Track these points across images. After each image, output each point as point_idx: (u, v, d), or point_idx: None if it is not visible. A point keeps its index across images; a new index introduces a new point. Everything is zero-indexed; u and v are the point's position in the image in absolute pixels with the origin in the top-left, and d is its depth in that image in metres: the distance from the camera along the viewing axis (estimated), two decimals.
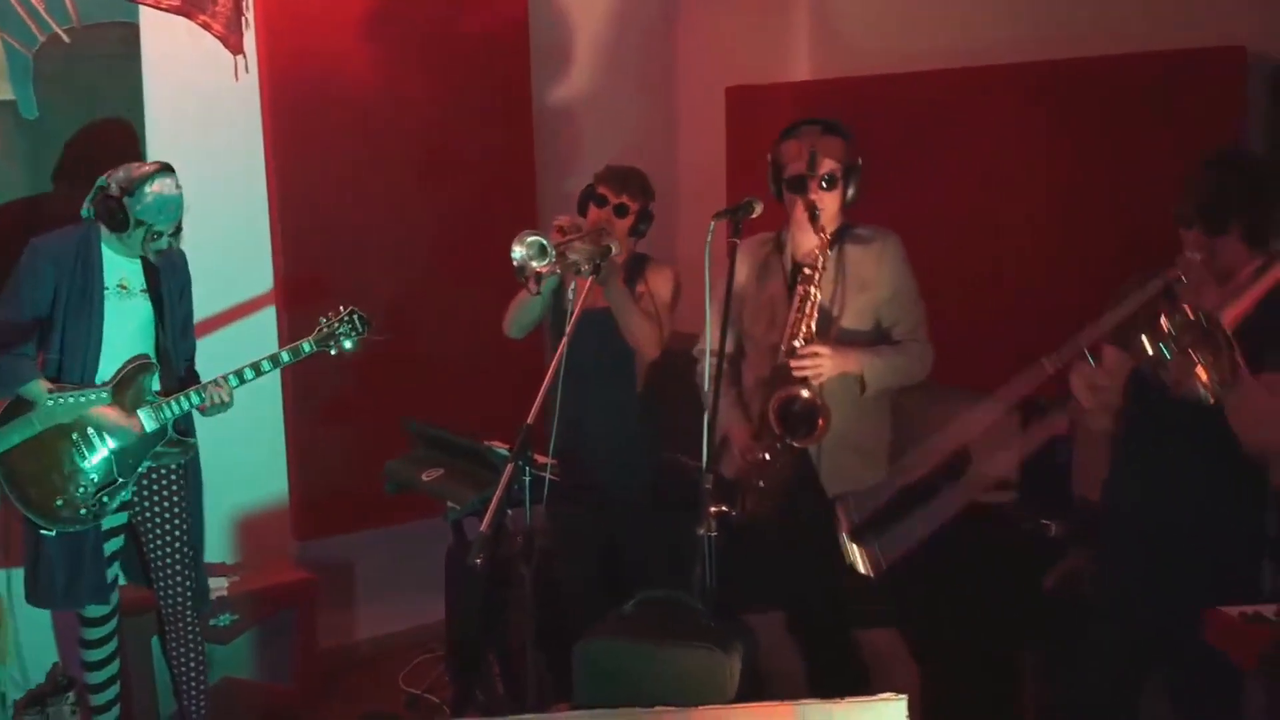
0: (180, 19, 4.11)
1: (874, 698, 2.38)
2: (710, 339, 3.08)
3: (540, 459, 3.31)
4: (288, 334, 4.38)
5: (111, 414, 3.52)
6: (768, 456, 3.26)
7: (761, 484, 3.28)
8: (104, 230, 3.54)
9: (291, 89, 4.43)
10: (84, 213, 3.56)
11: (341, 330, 3.72)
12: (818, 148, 3.29)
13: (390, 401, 4.48)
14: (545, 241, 3.29)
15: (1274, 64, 3.49)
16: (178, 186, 3.51)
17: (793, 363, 3.22)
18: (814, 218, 3.25)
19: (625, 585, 3.84)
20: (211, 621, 4.05)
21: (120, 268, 3.58)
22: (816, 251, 3.26)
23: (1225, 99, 3.53)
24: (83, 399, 3.50)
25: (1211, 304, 2.56)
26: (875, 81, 4.53)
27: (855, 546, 2.75)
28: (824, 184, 3.29)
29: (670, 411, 3.85)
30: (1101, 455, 3.06)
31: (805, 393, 3.17)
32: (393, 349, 3.87)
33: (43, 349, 3.54)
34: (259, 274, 4.47)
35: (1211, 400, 2.45)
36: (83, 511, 3.54)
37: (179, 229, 3.58)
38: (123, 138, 4.12)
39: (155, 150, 4.12)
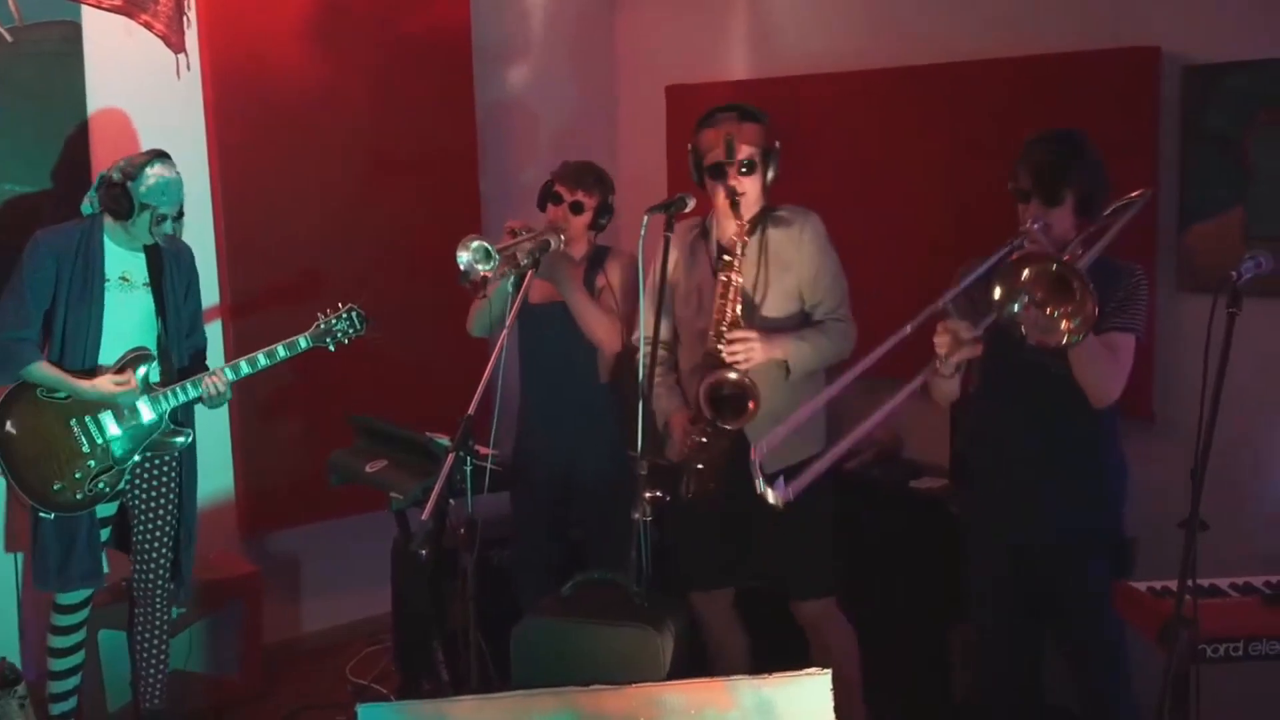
0: (123, 18, 4.14)
1: (800, 672, 2.47)
2: (645, 328, 3.16)
3: (482, 450, 3.38)
4: (235, 346, 4.42)
5: (111, 393, 3.58)
6: (704, 440, 3.32)
7: (700, 466, 3.34)
8: (107, 223, 3.61)
9: (235, 89, 4.47)
10: (84, 208, 3.64)
11: (339, 327, 3.80)
12: (735, 134, 3.33)
13: (337, 396, 4.53)
14: (489, 246, 3.34)
15: (1188, 64, 3.59)
16: (176, 170, 3.60)
17: (723, 348, 3.26)
18: (734, 204, 3.30)
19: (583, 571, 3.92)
20: None
21: (123, 260, 3.65)
22: (734, 238, 3.30)
23: (1139, 98, 3.65)
24: (84, 386, 3.56)
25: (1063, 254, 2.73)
26: (809, 80, 4.62)
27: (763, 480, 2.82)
28: (742, 169, 3.34)
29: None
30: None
31: (733, 375, 3.22)
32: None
33: (45, 339, 3.61)
34: (205, 285, 4.46)
35: (1068, 345, 2.62)
36: (79, 496, 3.62)
37: (181, 212, 3.65)
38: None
39: (98, 153, 4.15)
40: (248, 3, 4.46)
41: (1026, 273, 2.61)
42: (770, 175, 3.42)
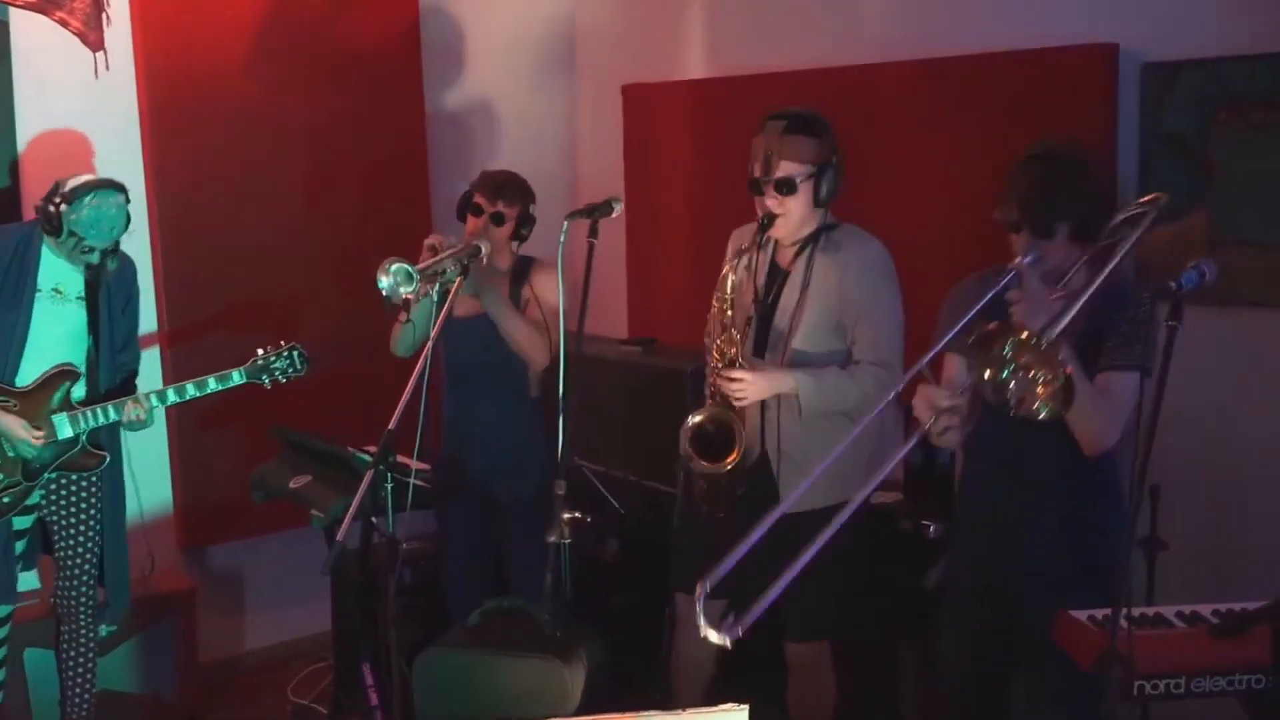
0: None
1: (716, 708, 2.32)
2: (564, 341, 3.02)
3: (406, 462, 3.25)
4: (171, 366, 4.29)
5: (19, 418, 3.45)
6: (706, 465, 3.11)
7: (702, 492, 3.18)
8: (47, 234, 3.48)
9: (173, 98, 4.32)
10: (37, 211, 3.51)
11: (278, 365, 3.66)
12: (778, 149, 3.06)
13: (278, 408, 4.36)
14: (409, 268, 3.19)
15: (1145, 60, 3.46)
16: (119, 205, 3.45)
17: (718, 382, 3.07)
18: (764, 225, 3.07)
19: (511, 590, 3.80)
20: None
21: (59, 272, 3.53)
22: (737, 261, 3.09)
23: (1097, 95, 3.51)
24: None
25: (1047, 311, 2.48)
26: (765, 79, 4.50)
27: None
28: (781, 189, 3.08)
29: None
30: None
31: (715, 413, 3.04)
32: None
33: None
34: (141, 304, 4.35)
35: (1047, 418, 2.36)
36: None
37: (115, 249, 3.50)
38: None
39: (26, 155, 4.01)
40: (185, 5, 4.31)
41: (1004, 348, 2.36)
42: (825, 191, 3.12)
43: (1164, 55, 3.43)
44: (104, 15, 4.10)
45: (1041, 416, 2.34)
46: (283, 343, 3.69)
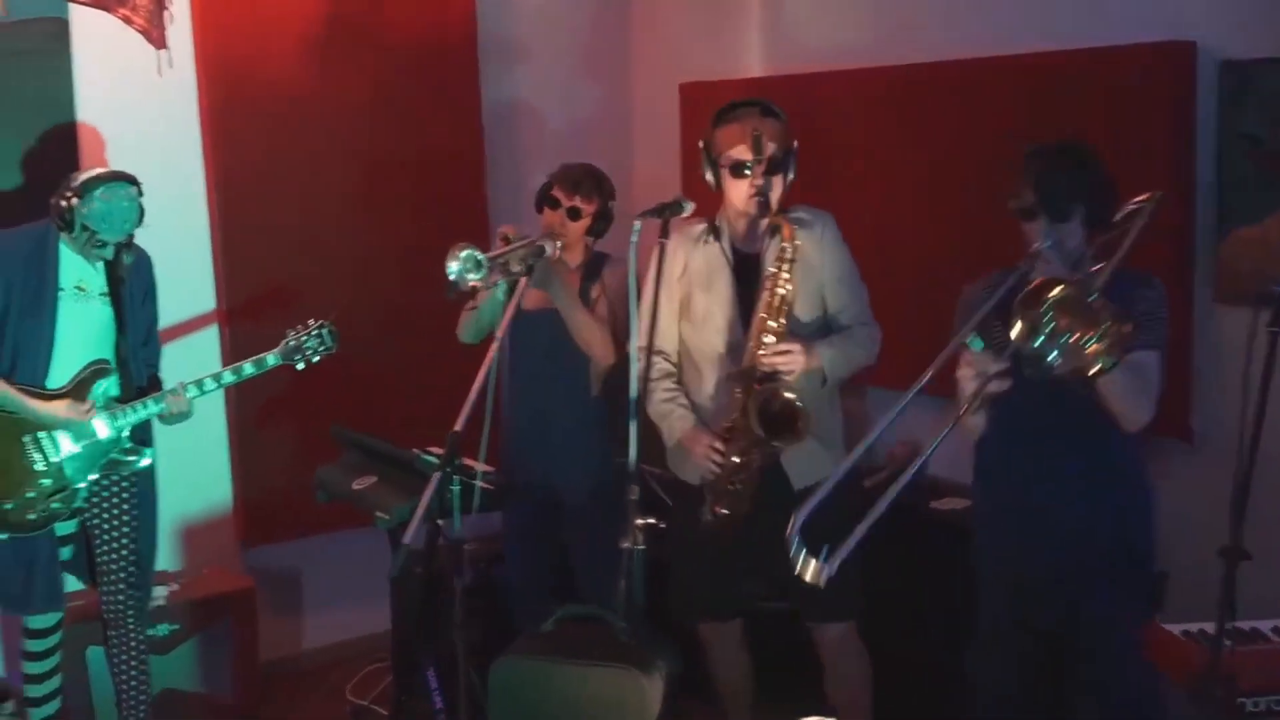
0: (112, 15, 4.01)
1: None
2: (637, 339, 2.99)
3: (472, 464, 3.22)
4: (230, 352, 4.27)
5: (66, 417, 3.43)
6: (738, 459, 3.14)
7: (734, 487, 3.18)
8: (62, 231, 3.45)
9: (232, 90, 4.31)
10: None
11: (309, 344, 3.64)
12: (763, 130, 3.16)
13: (337, 407, 4.37)
14: (480, 255, 3.17)
15: (1225, 59, 3.38)
16: (131, 198, 3.41)
17: (766, 359, 3.10)
18: (765, 204, 3.13)
19: (576, 592, 3.77)
20: (149, 631, 3.96)
21: (79, 269, 3.49)
22: (782, 240, 3.11)
23: (1173, 95, 3.43)
24: (37, 401, 3.41)
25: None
26: (826, 77, 4.44)
27: (803, 555, 2.62)
28: (770, 168, 3.16)
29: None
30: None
31: (789, 393, 3.06)
32: (339, 354, 3.76)
33: None
34: (200, 289, 4.36)
35: (1100, 371, 2.37)
36: (32, 516, 3.45)
37: (129, 242, 3.46)
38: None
39: (87, 150, 4.02)
40: (244, 1, 4.30)
41: (1047, 300, 2.38)
42: (790, 176, 3.24)
43: (1242, 54, 3.35)
44: (166, 13, 4.09)
45: (1096, 370, 2.35)
46: (311, 321, 3.66)
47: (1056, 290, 2.38)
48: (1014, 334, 2.37)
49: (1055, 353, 2.36)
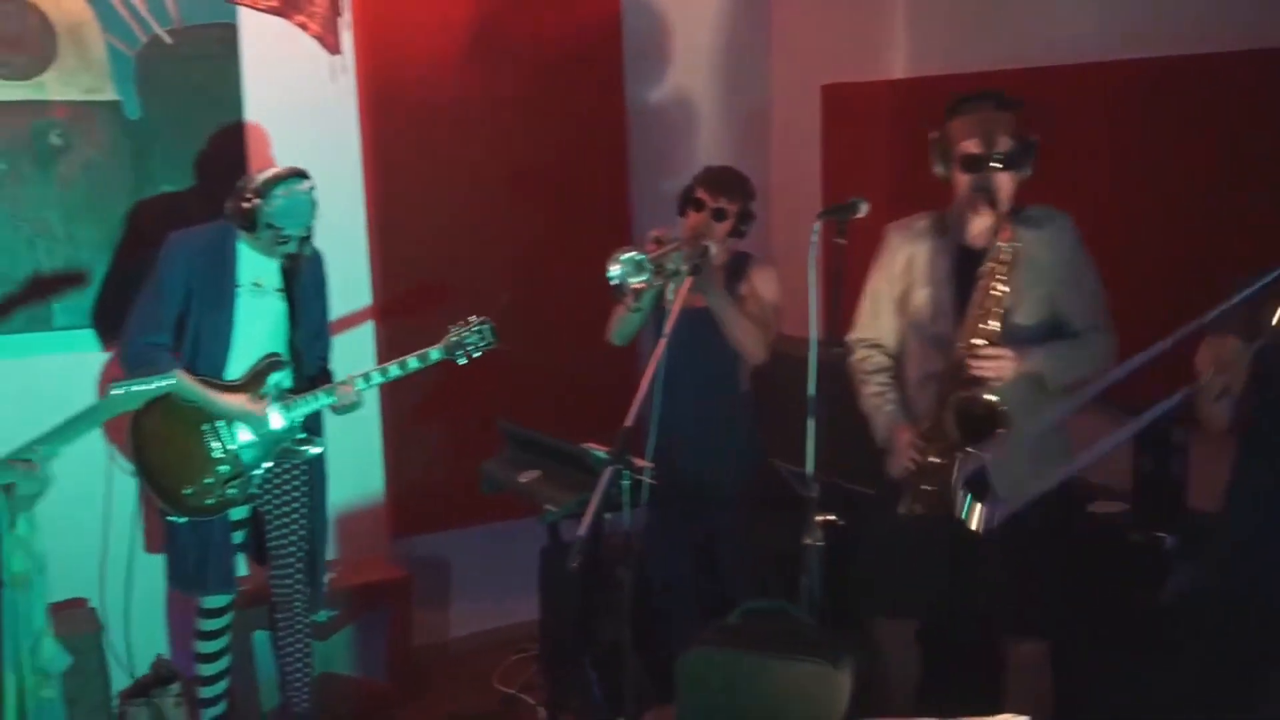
0: (278, 20, 4.13)
1: (997, 718, 2.31)
2: (815, 338, 3.00)
3: (638, 462, 3.28)
4: (385, 346, 4.40)
5: (243, 409, 3.57)
6: (937, 460, 3.10)
7: (932, 487, 3.13)
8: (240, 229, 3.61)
9: (388, 92, 4.45)
10: (226, 211, 3.63)
11: (470, 340, 3.75)
12: (994, 124, 3.08)
13: (485, 400, 4.47)
14: (641, 258, 3.25)
15: None
16: (307, 191, 3.56)
17: (973, 363, 3.04)
18: (993, 201, 3.06)
19: (721, 589, 3.81)
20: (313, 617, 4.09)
21: (256, 266, 3.64)
22: (999, 240, 3.04)
23: None
24: (216, 392, 3.55)
25: None
26: (972, 79, 4.38)
27: (969, 499, 2.57)
28: (1001, 163, 3.07)
29: (772, 415, 3.78)
30: (1223, 458, 2.90)
31: (989, 396, 2.99)
32: (490, 350, 3.87)
33: (178, 342, 3.60)
34: (356, 284, 4.47)
35: None
36: (209, 501, 3.60)
37: (309, 235, 3.62)
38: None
39: (254, 152, 4.16)
40: (403, 7, 4.43)
41: None
42: (1025, 171, 3.13)
43: None
44: (340, 19, 4.20)
45: None
46: (472, 318, 3.77)
47: None
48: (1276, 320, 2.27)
49: None
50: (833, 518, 2.81)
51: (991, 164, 3.06)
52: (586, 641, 3.85)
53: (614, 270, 3.24)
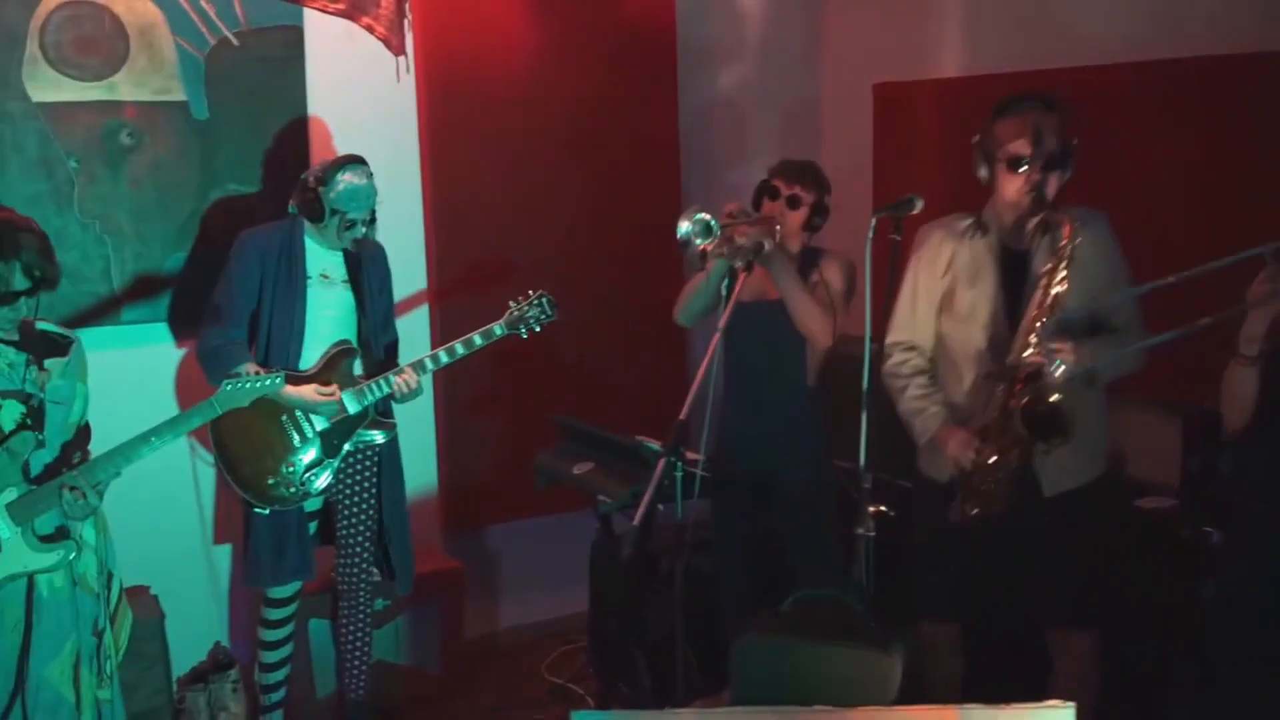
0: (342, 21, 4.22)
1: (1040, 704, 2.33)
2: (870, 336, 3.04)
3: (691, 455, 3.33)
4: (440, 331, 4.48)
5: (318, 398, 3.65)
6: (995, 458, 3.13)
7: (988, 486, 3.16)
8: (307, 224, 3.70)
9: (446, 87, 4.55)
10: (290, 209, 3.73)
11: (531, 314, 3.80)
12: (1043, 125, 3.13)
13: (539, 394, 4.56)
14: (711, 220, 3.26)
15: None
16: (368, 176, 3.65)
17: (1032, 360, 3.06)
18: (1040, 201, 3.11)
19: (784, 582, 3.84)
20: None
21: (323, 259, 3.74)
22: (1062, 240, 3.07)
23: None
24: (290, 394, 3.61)
25: None
26: (1024, 78, 4.40)
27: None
28: (1048, 164, 3.12)
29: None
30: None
31: (1056, 394, 3.02)
32: (543, 341, 3.92)
33: (251, 337, 3.71)
34: (413, 272, 4.54)
35: None
36: (292, 490, 3.69)
37: (373, 218, 3.72)
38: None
39: (317, 150, 4.24)
40: (460, 4, 4.51)
41: None
42: (1068, 173, 3.18)
43: None
44: (405, 20, 4.28)
45: None
46: (531, 292, 3.81)
47: None
48: None
49: None
50: (883, 508, 2.85)
51: (1042, 164, 3.09)
52: (637, 632, 3.90)
53: (683, 226, 3.25)
